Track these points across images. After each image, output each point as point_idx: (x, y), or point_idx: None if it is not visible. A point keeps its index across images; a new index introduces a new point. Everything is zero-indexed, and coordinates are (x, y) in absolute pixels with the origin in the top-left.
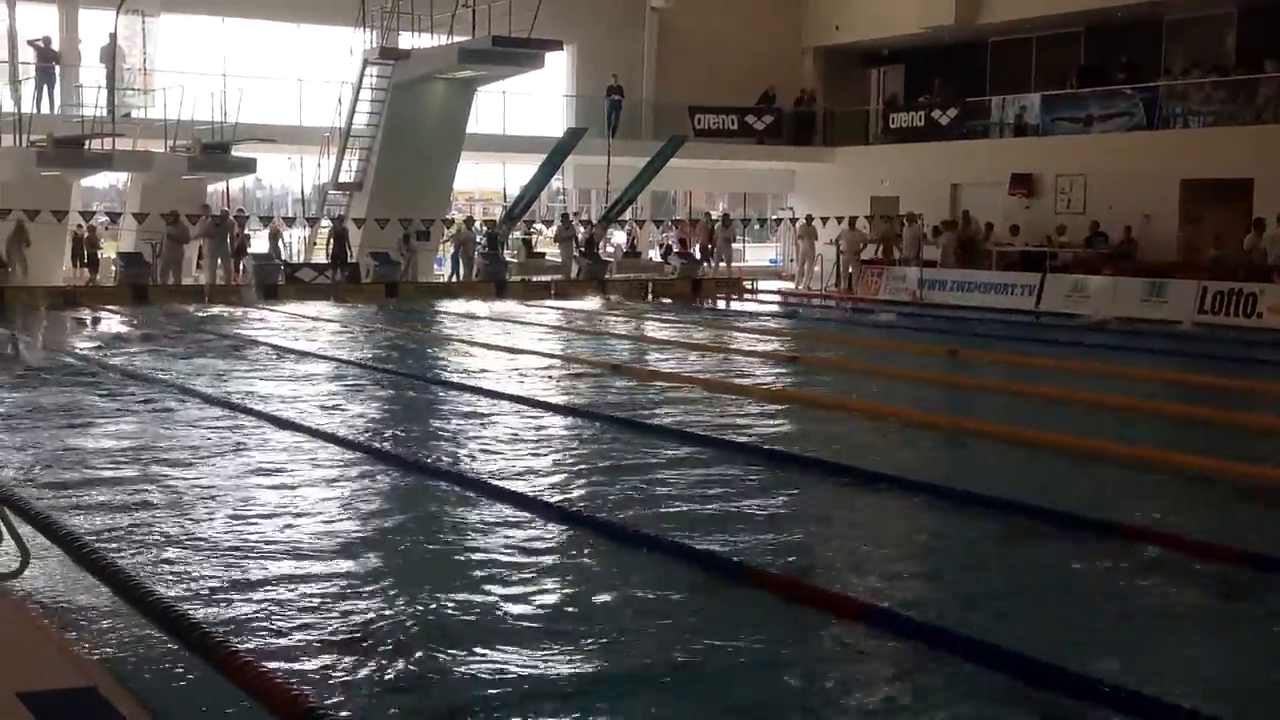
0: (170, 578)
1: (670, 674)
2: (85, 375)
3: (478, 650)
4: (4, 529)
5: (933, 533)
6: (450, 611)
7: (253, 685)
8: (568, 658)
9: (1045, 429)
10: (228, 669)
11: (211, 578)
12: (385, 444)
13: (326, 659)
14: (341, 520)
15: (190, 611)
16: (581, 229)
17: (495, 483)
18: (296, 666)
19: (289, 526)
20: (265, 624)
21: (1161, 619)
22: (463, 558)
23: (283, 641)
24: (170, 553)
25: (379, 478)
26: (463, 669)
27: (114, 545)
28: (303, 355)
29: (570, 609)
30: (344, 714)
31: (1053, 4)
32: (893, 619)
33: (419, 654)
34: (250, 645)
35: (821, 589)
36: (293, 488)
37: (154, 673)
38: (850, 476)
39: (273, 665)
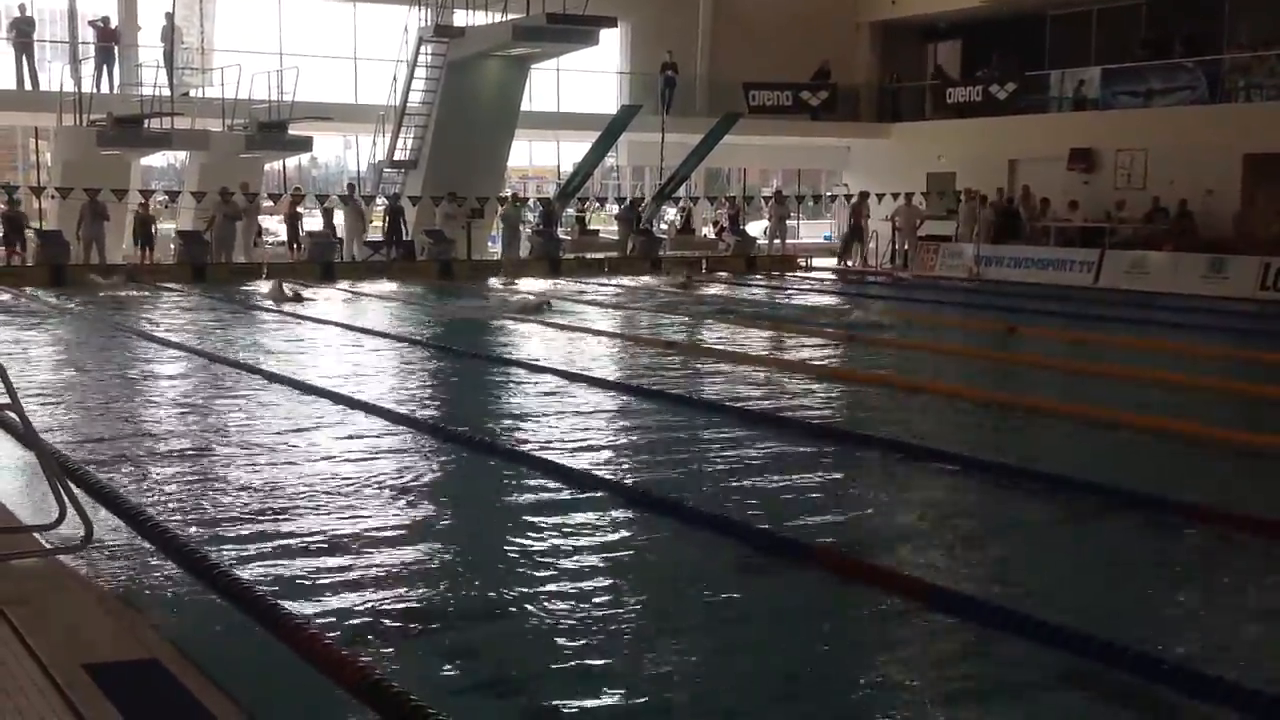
0: (232, 550)
1: (724, 652)
2: (143, 350)
3: (533, 624)
4: (67, 502)
5: (990, 511)
6: (507, 586)
7: (317, 656)
8: (622, 633)
9: (1106, 406)
10: (292, 641)
11: (274, 550)
12: (443, 420)
13: (389, 631)
14: (403, 494)
15: (253, 583)
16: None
17: (553, 459)
18: (360, 638)
19: (351, 500)
20: (329, 596)
21: (1228, 599)
22: (520, 533)
23: (347, 613)
24: (231, 525)
25: (438, 453)
26: (519, 642)
27: (175, 517)
28: (362, 332)
29: (625, 586)
30: (406, 684)
31: None
32: (951, 597)
33: (478, 626)
34: (314, 616)
35: (878, 566)
36: (352, 463)
37: (217, 644)
38: (907, 454)
39: (336, 636)
